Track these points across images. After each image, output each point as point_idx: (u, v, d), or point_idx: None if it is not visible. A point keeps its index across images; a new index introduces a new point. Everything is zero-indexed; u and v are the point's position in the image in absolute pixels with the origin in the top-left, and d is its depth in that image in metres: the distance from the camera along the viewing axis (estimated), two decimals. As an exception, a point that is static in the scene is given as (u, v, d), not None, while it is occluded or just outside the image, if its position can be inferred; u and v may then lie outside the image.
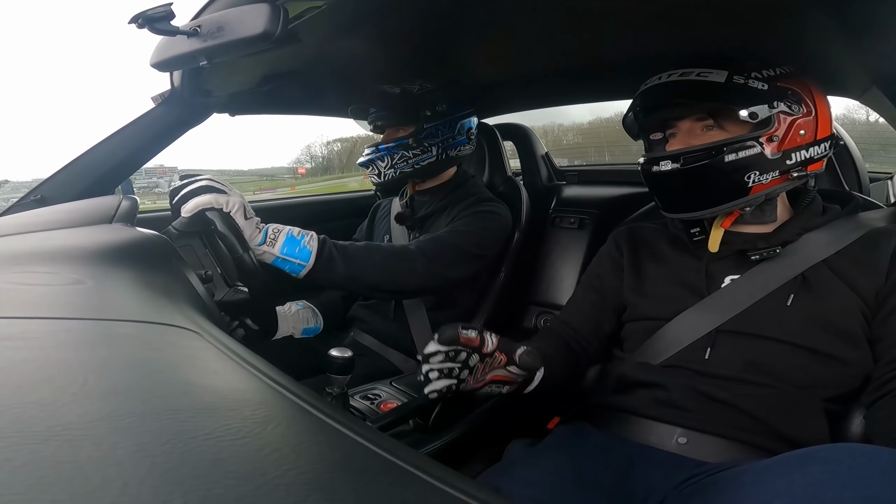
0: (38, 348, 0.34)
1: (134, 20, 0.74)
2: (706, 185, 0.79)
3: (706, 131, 0.82)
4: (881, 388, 0.71)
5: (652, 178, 0.84)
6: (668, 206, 0.85)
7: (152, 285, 0.57)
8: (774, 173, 0.78)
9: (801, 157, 0.79)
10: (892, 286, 0.75)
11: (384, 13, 0.88)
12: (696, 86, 0.80)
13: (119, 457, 0.22)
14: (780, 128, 0.77)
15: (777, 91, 0.78)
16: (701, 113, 0.81)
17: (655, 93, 0.84)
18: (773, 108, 0.77)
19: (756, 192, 0.78)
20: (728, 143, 0.77)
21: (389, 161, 1.24)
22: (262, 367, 0.39)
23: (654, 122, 0.88)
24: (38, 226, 0.79)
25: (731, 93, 0.77)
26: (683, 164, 0.79)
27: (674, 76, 0.82)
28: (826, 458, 0.49)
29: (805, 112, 0.79)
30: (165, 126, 1.16)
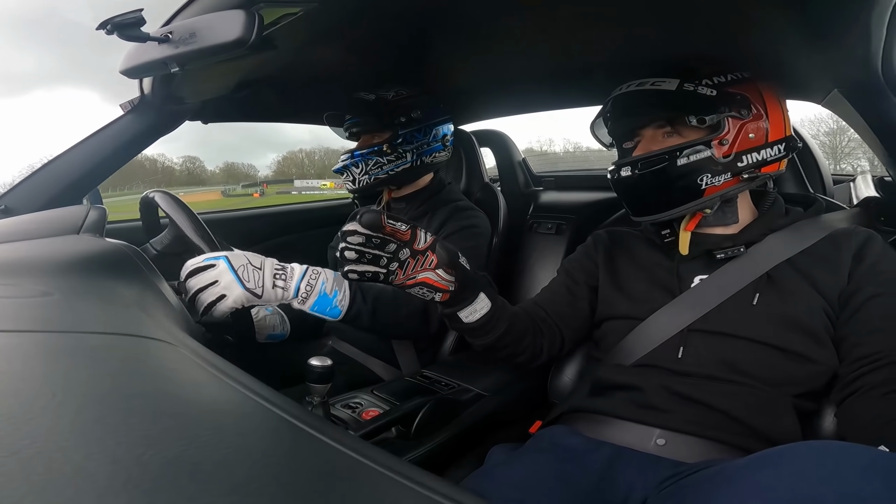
0: (5, 362, 0.33)
1: (102, 26, 0.72)
2: (662, 189, 0.83)
3: (665, 138, 0.86)
4: (849, 385, 0.74)
5: (616, 184, 0.89)
6: (633, 210, 0.89)
7: (123, 297, 0.56)
8: (726, 175, 0.82)
9: (752, 159, 0.83)
10: (854, 287, 0.78)
11: (360, 20, 0.88)
12: (651, 95, 0.84)
13: (92, 469, 0.22)
14: (730, 132, 0.81)
15: (725, 96, 0.81)
16: (660, 120, 0.86)
17: (619, 103, 0.89)
18: (722, 113, 0.81)
19: (710, 193, 0.82)
20: (679, 148, 0.81)
21: (364, 167, 1.24)
22: (241, 378, 0.38)
23: (622, 131, 0.93)
24: (3, 237, 0.76)
25: (681, 100, 0.82)
26: (640, 170, 0.83)
27: (632, 86, 0.87)
28: (802, 455, 0.50)
29: (755, 116, 0.83)
30: (135, 134, 1.13)
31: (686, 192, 0.82)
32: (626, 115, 0.90)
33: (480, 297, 0.82)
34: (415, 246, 0.72)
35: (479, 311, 0.82)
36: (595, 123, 0.96)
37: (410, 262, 0.73)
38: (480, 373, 1.10)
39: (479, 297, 0.82)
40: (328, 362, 0.78)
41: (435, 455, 0.90)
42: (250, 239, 1.68)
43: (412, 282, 0.74)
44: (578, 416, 0.86)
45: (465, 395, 1.04)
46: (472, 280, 0.79)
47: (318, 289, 0.90)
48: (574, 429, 0.82)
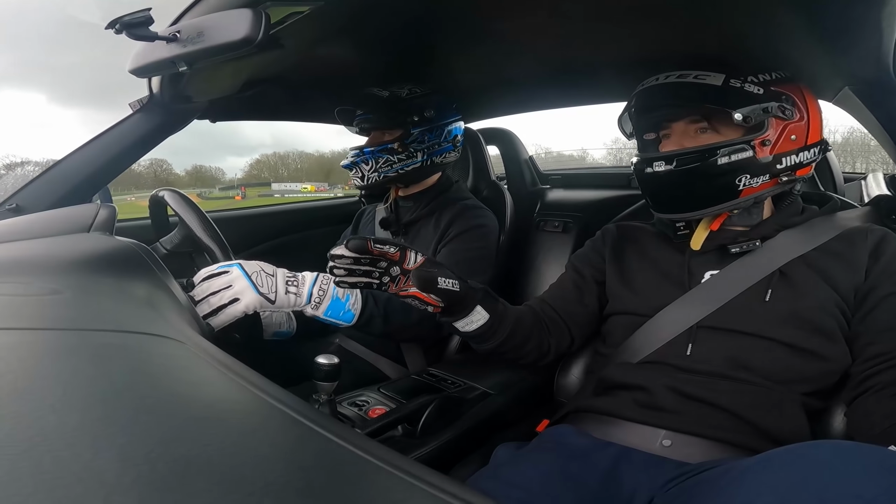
0: (15, 360, 0.33)
1: (111, 26, 0.73)
2: (698, 187, 0.80)
3: (699, 134, 0.83)
4: (861, 384, 0.73)
5: (645, 178, 0.85)
6: (659, 206, 0.87)
7: (133, 295, 0.56)
8: (765, 177, 0.79)
9: (791, 161, 0.80)
10: (870, 285, 0.77)
11: (367, 18, 0.88)
12: (694, 88, 0.81)
13: (101, 467, 0.22)
14: (773, 132, 0.79)
15: (771, 95, 0.79)
16: (696, 115, 0.83)
17: (653, 93, 0.86)
18: (767, 113, 0.78)
19: (746, 195, 0.80)
20: (722, 146, 0.78)
21: (374, 164, 1.24)
22: (248, 376, 0.38)
23: (648, 122, 0.90)
24: (14, 235, 0.77)
25: (728, 96, 0.79)
26: (677, 166, 0.80)
27: (671, 77, 0.84)
28: (809, 455, 0.50)
29: (798, 117, 0.81)
30: (144, 133, 1.14)
31: (721, 192, 0.79)
32: (662, 107, 0.86)
33: (476, 310, 0.82)
34: (405, 265, 0.74)
35: (475, 323, 0.83)
36: (623, 117, 0.93)
37: (401, 277, 0.75)
38: (487, 371, 1.10)
39: (475, 310, 0.82)
40: (335, 360, 0.78)
41: (441, 453, 0.90)
42: (256, 237, 1.69)
43: (404, 293, 0.76)
44: (584, 416, 0.85)
45: (472, 393, 1.04)
46: (461, 297, 0.80)
47: (330, 293, 0.91)
48: (580, 429, 0.82)
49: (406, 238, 1.30)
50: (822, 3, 0.73)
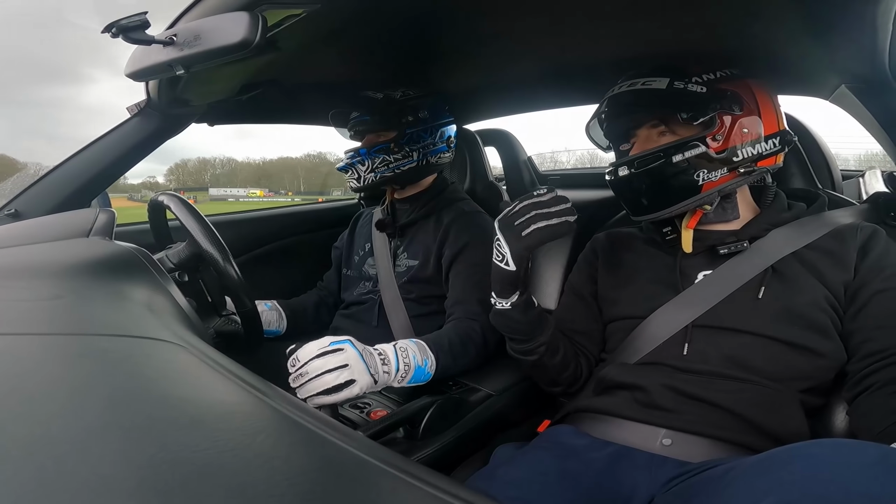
0: (17, 365, 0.33)
1: (107, 29, 0.73)
2: (660, 187, 0.83)
3: (660, 137, 0.86)
4: (860, 382, 0.73)
5: (614, 184, 0.89)
6: (633, 209, 0.89)
7: (132, 299, 0.56)
8: (722, 170, 0.82)
9: (747, 153, 0.83)
10: (860, 282, 0.77)
11: (363, 21, 0.88)
12: (642, 94, 0.85)
13: (104, 471, 0.22)
14: (723, 127, 0.81)
15: (716, 93, 0.82)
16: (653, 119, 0.86)
17: (613, 103, 0.89)
18: (714, 110, 0.81)
19: (707, 189, 0.82)
20: (674, 145, 0.81)
21: (370, 165, 1.24)
22: (250, 379, 0.38)
23: (617, 133, 0.93)
24: (13, 240, 0.77)
25: (672, 98, 0.83)
26: (637, 168, 0.83)
27: (623, 87, 0.87)
28: (812, 454, 0.50)
29: (746, 111, 0.83)
30: (142, 137, 1.14)
31: (684, 189, 0.82)
32: (620, 116, 0.90)
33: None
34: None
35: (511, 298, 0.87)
36: (590, 125, 0.97)
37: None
38: (488, 372, 1.10)
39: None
40: None
41: (442, 455, 0.90)
42: (256, 241, 1.69)
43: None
44: (584, 416, 0.86)
45: (473, 394, 1.04)
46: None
47: (413, 365, 0.94)
48: (579, 428, 0.82)
49: (403, 240, 1.30)
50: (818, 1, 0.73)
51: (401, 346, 0.94)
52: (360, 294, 1.32)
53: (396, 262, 1.28)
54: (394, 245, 1.30)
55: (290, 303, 1.36)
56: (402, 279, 1.25)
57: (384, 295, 1.25)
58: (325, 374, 0.81)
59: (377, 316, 1.26)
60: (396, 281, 1.25)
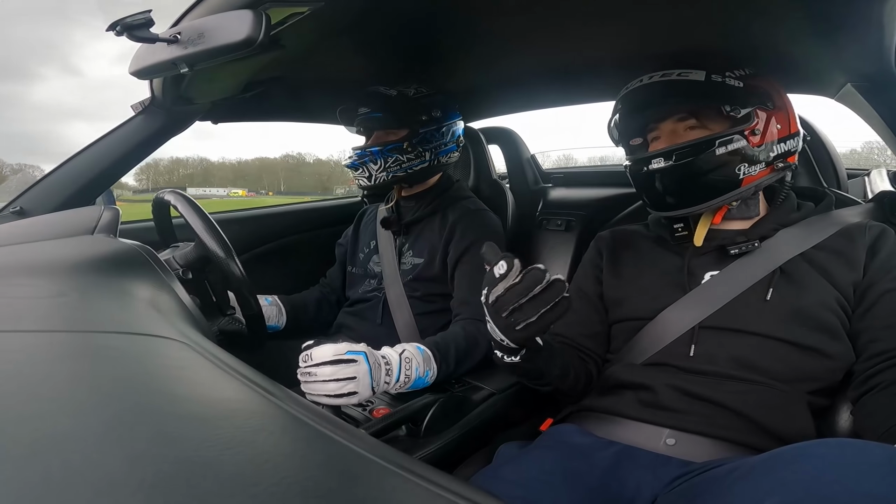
0: (21, 362, 0.34)
1: (112, 27, 0.73)
2: (700, 180, 0.81)
3: (689, 131, 0.84)
4: (866, 382, 0.73)
5: (643, 177, 0.86)
6: (659, 204, 0.86)
7: (137, 296, 0.56)
8: (761, 165, 0.81)
9: (781, 149, 0.83)
10: (869, 281, 0.77)
11: (367, 18, 0.88)
12: (678, 85, 0.83)
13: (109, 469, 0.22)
14: (760, 122, 0.81)
15: (751, 88, 0.82)
16: (683, 113, 0.84)
17: (638, 94, 0.87)
18: (751, 104, 0.81)
19: (746, 183, 0.81)
20: (718, 137, 0.80)
21: (382, 164, 1.23)
22: (253, 376, 0.38)
23: (634, 126, 0.91)
24: (18, 238, 0.78)
25: (712, 90, 0.81)
26: (676, 160, 0.81)
27: (655, 77, 0.85)
28: (816, 454, 0.50)
29: (778, 107, 0.83)
30: (147, 135, 1.14)
31: (724, 183, 0.81)
32: (648, 107, 0.87)
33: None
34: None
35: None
36: (612, 122, 0.93)
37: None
38: (491, 371, 1.10)
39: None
40: None
41: (445, 453, 0.90)
42: (259, 238, 1.69)
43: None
44: (588, 415, 0.85)
45: (476, 392, 1.04)
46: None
47: (413, 377, 0.95)
48: (583, 427, 0.82)
49: (408, 238, 1.30)
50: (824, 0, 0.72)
51: (406, 357, 0.95)
52: (364, 291, 1.32)
53: (402, 260, 1.28)
54: (399, 243, 1.30)
55: (291, 298, 1.37)
56: (407, 277, 1.25)
57: (389, 292, 1.25)
58: (332, 381, 0.83)
59: (381, 313, 1.26)
60: (401, 279, 1.25)
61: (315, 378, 0.83)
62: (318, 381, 0.83)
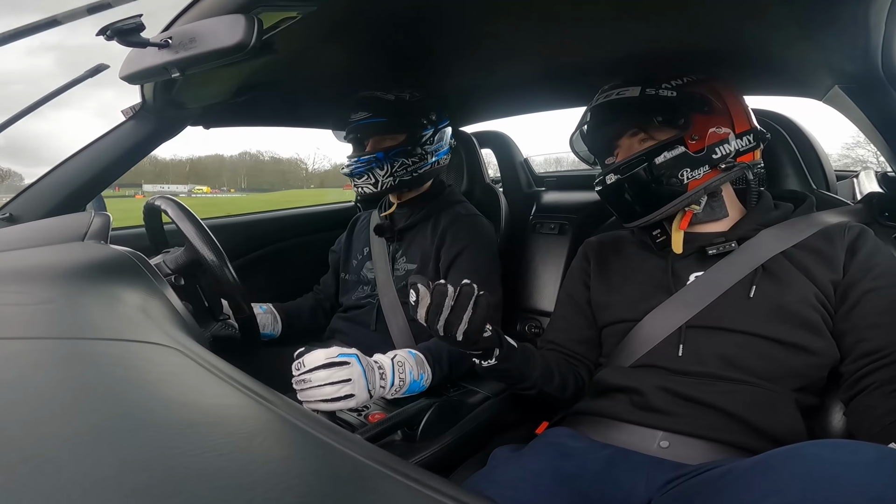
0: (11, 369, 0.33)
1: (102, 32, 0.72)
2: (647, 190, 0.85)
3: (641, 143, 0.89)
4: (857, 383, 0.74)
5: (603, 194, 0.91)
6: (624, 215, 0.91)
7: (128, 303, 0.56)
8: (704, 168, 0.84)
9: (725, 150, 0.86)
10: (850, 281, 0.78)
11: (358, 23, 0.88)
12: (617, 104, 0.88)
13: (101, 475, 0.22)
14: (698, 127, 0.84)
15: (686, 96, 0.85)
16: (633, 128, 0.89)
17: (592, 115, 0.92)
18: (686, 112, 0.85)
19: (693, 187, 0.84)
20: (655, 148, 0.84)
21: (389, 169, 1.22)
22: (246, 382, 0.38)
23: (601, 146, 0.96)
24: (8, 245, 0.77)
25: (646, 104, 0.86)
26: (624, 174, 0.86)
27: (600, 98, 0.90)
28: (811, 454, 0.50)
29: (717, 111, 0.86)
30: (137, 140, 1.14)
31: (670, 190, 0.84)
32: (601, 127, 0.93)
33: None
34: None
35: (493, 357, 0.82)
36: (573, 139, 0.99)
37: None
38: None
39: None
40: None
41: (441, 457, 0.90)
42: (252, 244, 1.68)
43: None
44: (582, 419, 0.86)
45: (471, 396, 1.04)
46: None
47: (408, 381, 0.95)
48: (576, 431, 0.82)
49: (401, 244, 1.30)
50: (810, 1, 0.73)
51: (398, 361, 0.95)
52: (358, 298, 1.31)
53: (395, 266, 1.28)
54: (392, 249, 1.30)
55: (286, 306, 1.36)
56: (400, 283, 1.25)
57: (382, 299, 1.25)
58: (328, 385, 0.82)
59: (375, 319, 1.25)
60: (395, 285, 1.25)
61: (310, 384, 0.83)
62: (314, 386, 0.83)
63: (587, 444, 0.78)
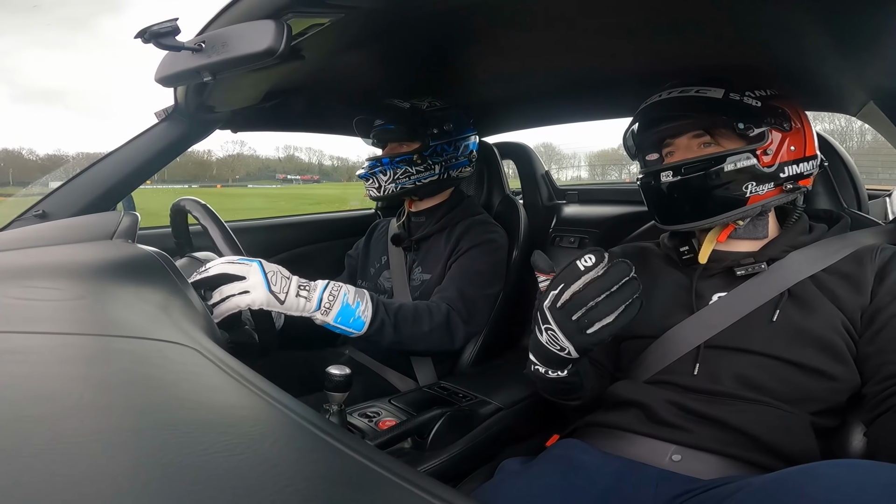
0: (37, 363, 0.34)
1: (140, 35, 0.75)
2: (706, 196, 0.81)
3: (703, 147, 0.85)
4: (880, 405, 0.71)
5: (652, 190, 0.86)
6: (666, 217, 0.87)
7: (151, 302, 0.57)
8: (769, 185, 0.81)
9: (793, 171, 0.82)
10: (877, 305, 0.75)
11: (386, 32, 0.89)
12: (696, 101, 0.83)
13: (114, 472, 0.22)
14: (773, 142, 0.81)
15: (769, 109, 0.81)
16: (698, 129, 0.84)
17: (655, 109, 0.87)
18: (766, 124, 0.81)
19: (753, 202, 0.81)
20: (728, 154, 0.80)
21: (392, 175, 1.24)
22: (260, 384, 0.38)
23: (650, 141, 0.91)
24: (40, 241, 0.79)
25: (728, 108, 0.81)
26: (685, 175, 0.81)
27: (674, 93, 0.85)
28: (826, 475, 0.49)
29: (794, 129, 0.83)
30: (168, 142, 1.17)
31: (729, 200, 0.81)
32: (664, 121, 0.87)
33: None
34: None
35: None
36: (627, 135, 0.94)
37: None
38: (499, 385, 1.09)
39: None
40: (346, 371, 0.78)
41: (450, 467, 0.90)
42: (274, 248, 1.71)
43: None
44: (593, 430, 0.85)
45: (483, 407, 1.03)
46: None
47: (340, 299, 0.92)
48: (587, 443, 0.81)
49: (417, 254, 1.30)
50: (846, 16, 0.72)
51: (335, 284, 0.93)
52: None
53: (411, 276, 1.28)
54: (409, 259, 1.31)
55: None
56: (415, 293, 1.25)
57: None
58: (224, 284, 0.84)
59: None
60: (411, 294, 1.25)
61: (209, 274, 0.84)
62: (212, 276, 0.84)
63: (597, 457, 0.77)
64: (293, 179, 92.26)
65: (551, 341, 0.68)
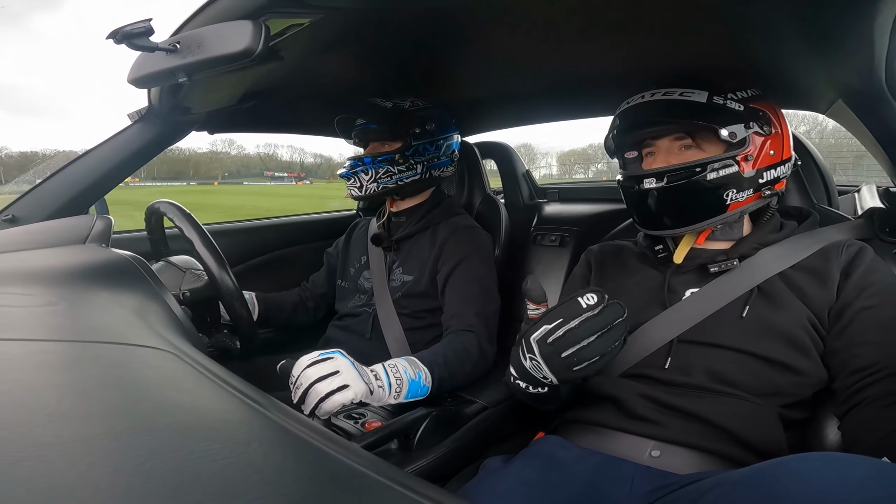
0: (11, 370, 0.33)
1: (112, 36, 0.73)
2: (687, 203, 0.82)
3: (684, 151, 0.85)
4: (851, 398, 0.73)
5: (633, 195, 0.86)
6: (647, 222, 0.88)
7: (127, 306, 0.56)
8: (749, 191, 0.82)
9: (771, 175, 0.83)
10: (844, 301, 0.77)
11: (366, 32, 0.88)
12: (679, 105, 0.83)
13: (95, 478, 0.22)
14: (754, 147, 0.81)
15: (750, 112, 0.82)
16: (680, 132, 0.84)
17: (638, 111, 0.87)
18: (748, 129, 0.81)
19: (733, 209, 0.82)
20: (710, 162, 0.80)
21: (373, 175, 1.24)
22: (243, 388, 0.38)
23: (631, 140, 0.91)
24: (10, 246, 0.77)
25: (712, 113, 0.81)
26: (668, 183, 0.81)
27: (657, 95, 0.85)
28: (801, 468, 0.50)
29: (774, 133, 0.83)
30: (142, 144, 1.14)
31: (710, 207, 0.81)
32: (647, 125, 0.87)
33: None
34: None
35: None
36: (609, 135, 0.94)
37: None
38: (483, 385, 1.10)
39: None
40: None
41: (436, 466, 0.90)
42: (253, 251, 1.69)
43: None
44: (574, 427, 0.86)
45: (468, 406, 1.03)
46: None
47: (405, 379, 0.93)
48: (570, 439, 0.82)
49: (398, 254, 1.30)
50: (815, 15, 0.74)
51: (390, 364, 0.94)
52: (354, 306, 1.31)
53: (391, 277, 1.28)
54: (389, 259, 1.30)
55: (266, 297, 1.37)
56: (396, 294, 1.25)
57: (379, 308, 1.25)
58: (318, 382, 0.81)
59: (371, 328, 1.25)
60: (391, 295, 1.25)
61: (303, 387, 0.82)
62: (309, 386, 0.81)
63: (576, 453, 0.78)
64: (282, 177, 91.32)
65: (535, 369, 0.71)
